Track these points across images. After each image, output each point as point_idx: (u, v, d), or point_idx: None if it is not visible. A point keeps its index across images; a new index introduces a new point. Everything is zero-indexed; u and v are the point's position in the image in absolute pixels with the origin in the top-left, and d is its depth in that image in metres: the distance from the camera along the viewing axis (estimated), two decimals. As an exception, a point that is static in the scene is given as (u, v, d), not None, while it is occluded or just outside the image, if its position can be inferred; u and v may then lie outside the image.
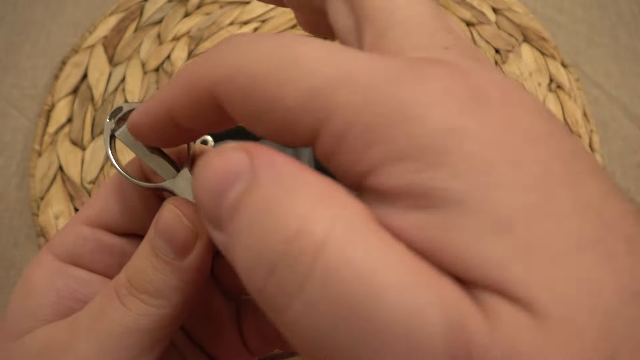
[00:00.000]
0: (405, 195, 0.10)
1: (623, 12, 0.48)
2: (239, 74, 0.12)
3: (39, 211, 0.38)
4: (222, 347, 0.21)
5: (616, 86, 0.45)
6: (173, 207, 0.16)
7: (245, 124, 0.12)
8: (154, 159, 0.17)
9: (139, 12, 0.47)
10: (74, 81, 0.43)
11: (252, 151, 0.11)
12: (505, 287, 0.09)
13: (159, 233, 0.16)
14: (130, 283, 0.16)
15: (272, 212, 0.10)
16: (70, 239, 0.18)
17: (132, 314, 0.16)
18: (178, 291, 0.16)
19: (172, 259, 0.16)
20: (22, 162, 0.41)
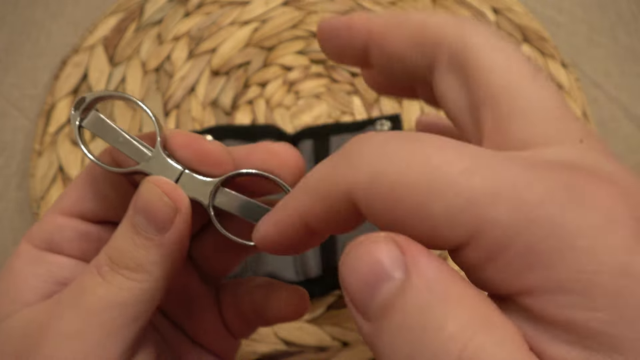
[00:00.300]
0: (566, 328, 0.10)
1: (623, 12, 0.48)
2: (380, 182, 0.12)
3: (39, 211, 0.38)
4: (203, 330, 0.21)
5: (616, 86, 0.45)
6: (152, 184, 0.17)
7: (385, 228, 0.12)
8: (125, 144, 0.18)
9: (139, 12, 0.47)
10: (74, 81, 0.43)
11: (403, 246, 0.11)
12: None
13: (139, 210, 0.16)
14: (112, 260, 0.16)
15: (429, 326, 0.10)
16: (47, 228, 0.18)
17: (113, 288, 0.16)
18: (158, 265, 0.17)
19: (152, 235, 0.16)
20: (22, 162, 0.41)
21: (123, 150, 0.18)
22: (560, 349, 0.10)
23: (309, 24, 0.46)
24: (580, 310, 0.10)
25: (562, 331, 0.10)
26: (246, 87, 0.43)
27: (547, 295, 0.10)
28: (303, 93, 0.43)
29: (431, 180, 0.11)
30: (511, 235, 0.10)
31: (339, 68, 0.44)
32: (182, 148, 0.18)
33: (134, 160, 0.18)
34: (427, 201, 0.11)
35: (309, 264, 0.34)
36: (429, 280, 0.11)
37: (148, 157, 0.17)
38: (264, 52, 0.45)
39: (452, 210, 0.11)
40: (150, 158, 0.17)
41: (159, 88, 0.43)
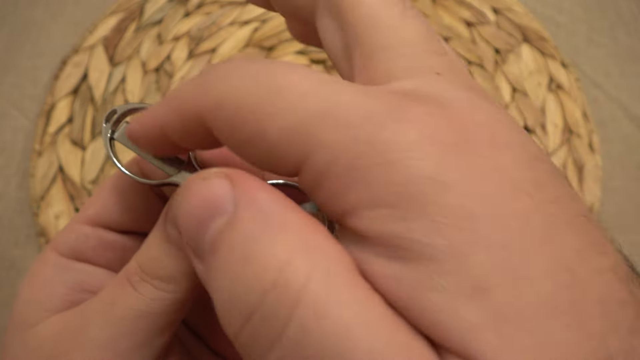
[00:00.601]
0: (385, 242, 0.10)
1: (623, 12, 0.48)
2: (226, 103, 0.12)
3: (39, 211, 0.38)
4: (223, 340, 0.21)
5: (616, 86, 0.45)
6: None
7: (232, 151, 0.13)
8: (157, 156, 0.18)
9: (139, 12, 0.47)
10: (74, 81, 0.43)
11: (235, 179, 0.11)
12: (476, 355, 0.09)
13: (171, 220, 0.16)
14: (142, 269, 0.16)
15: (251, 255, 0.10)
16: (72, 237, 0.18)
17: (144, 298, 0.16)
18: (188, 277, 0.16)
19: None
20: (22, 162, 0.41)
21: (154, 163, 0.17)
22: (381, 264, 0.10)
23: (309, 24, 0.46)
24: (395, 222, 0.10)
25: (382, 247, 0.10)
26: (246, 87, 0.43)
27: (366, 212, 0.10)
28: (303, 93, 0.43)
29: (271, 101, 0.11)
30: (335, 156, 0.11)
31: (339, 68, 0.44)
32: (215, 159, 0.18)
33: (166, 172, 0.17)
34: (265, 123, 0.11)
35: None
36: (256, 212, 0.11)
37: (180, 169, 0.17)
38: (264, 52, 0.45)
39: (286, 132, 0.11)
40: (182, 170, 0.17)
41: (159, 88, 0.43)
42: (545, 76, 0.44)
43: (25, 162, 0.41)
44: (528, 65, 0.44)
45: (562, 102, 0.42)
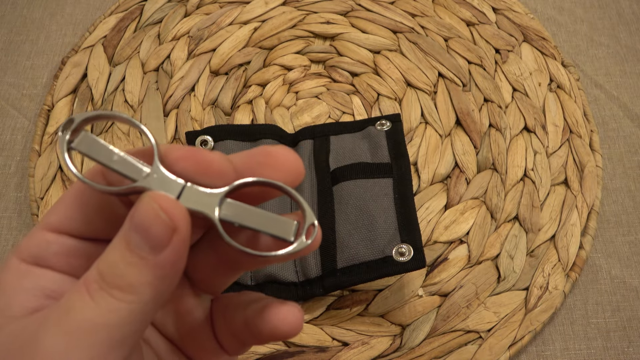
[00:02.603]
0: None
1: (623, 11, 0.48)
2: None
3: (38, 211, 0.38)
4: (196, 347, 0.21)
5: (616, 86, 0.44)
6: (150, 199, 0.16)
7: None
8: (120, 162, 0.17)
9: (138, 12, 0.47)
10: (73, 81, 0.43)
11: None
12: None
13: (134, 227, 0.16)
14: (102, 277, 0.16)
15: None
16: (35, 243, 0.18)
17: (100, 310, 0.15)
18: (150, 287, 0.16)
19: (146, 254, 0.16)
20: (21, 162, 0.41)
21: (119, 169, 0.17)
22: None
23: (309, 24, 0.46)
24: None
25: None
26: (246, 87, 0.43)
27: None
28: (303, 93, 0.43)
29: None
30: None
31: (339, 68, 0.44)
32: (182, 160, 0.17)
33: (131, 178, 0.17)
34: None
35: (308, 264, 0.33)
36: None
37: (146, 174, 0.17)
38: (264, 52, 0.44)
39: None
40: (148, 175, 0.17)
41: (158, 88, 0.43)
42: (545, 76, 0.43)
43: (24, 162, 0.41)
44: (528, 65, 0.44)
45: (563, 102, 0.42)
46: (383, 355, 0.33)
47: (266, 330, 0.19)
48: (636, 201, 0.40)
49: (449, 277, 0.35)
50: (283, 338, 0.19)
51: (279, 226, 0.17)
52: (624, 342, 0.35)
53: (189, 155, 0.17)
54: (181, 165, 0.17)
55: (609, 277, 0.37)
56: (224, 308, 0.20)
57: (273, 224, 0.17)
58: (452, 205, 0.38)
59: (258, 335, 0.19)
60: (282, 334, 0.19)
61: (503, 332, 0.34)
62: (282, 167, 0.18)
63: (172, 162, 0.17)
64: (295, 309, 0.19)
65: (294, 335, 0.19)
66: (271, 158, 0.18)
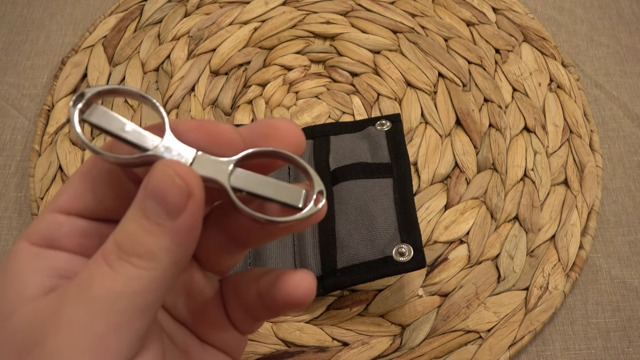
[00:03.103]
0: None
1: (624, 11, 0.48)
2: None
3: (38, 211, 0.38)
4: (209, 327, 0.21)
5: (616, 86, 0.44)
6: (165, 166, 0.16)
7: None
8: (133, 133, 0.17)
9: (139, 12, 0.47)
10: (73, 81, 0.43)
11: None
12: None
13: (150, 193, 0.16)
14: (120, 247, 0.16)
15: None
16: (44, 225, 0.18)
17: (121, 278, 0.15)
18: (169, 253, 0.16)
19: (163, 220, 0.16)
20: (21, 162, 0.41)
21: (131, 139, 0.17)
22: None
23: (309, 24, 0.46)
24: None
25: None
26: (246, 87, 0.43)
27: None
28: (303, 93, 0.43)
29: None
30: None
31: (339, 68, 0.44)
32: (193, 131, 0.17)
33: (143, 147, 0.17)
34: None
35: (308, 264, 0.34)
36: None
37: (158, 144, 0.17)
38: (264, 52, 0.44)
39: None
40: (160, 144, 0.17)
41: (158, 88, 0.43)
42: (545, 76, 0.43)
43: (24, 162, 0.41)
44: (528, 65, 0.44)
45: (563, 102, 0.42)
46: (383, 355, 0.33)
47: (280, 298, 0.19)
48: (636, 201, 0.40)
49: (449, 277, 0.35)
50: (297, 305, 0.19)
51: (288, 193, 0.18)
52: (624, 342, 0.35)
53: (200, 126, 0.17)
54: (192, 136, 0.17)
55: (609, 277, 0.37)
56: (236, 285, 0.21)
57: (282, 192, 0.18)
58: (452, 205, 0.38)
59: (272, 305, 0.19)
60: (296, 300, 0.19)
61: (503, 332, 0.34)
62: (285, 138, 0.18)
63: (183, 134, 0.17)
64: (308, 275, 0.19)
65: (307, 301, 0.19)
66: (273, 129, 0.18)
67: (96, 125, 0.17)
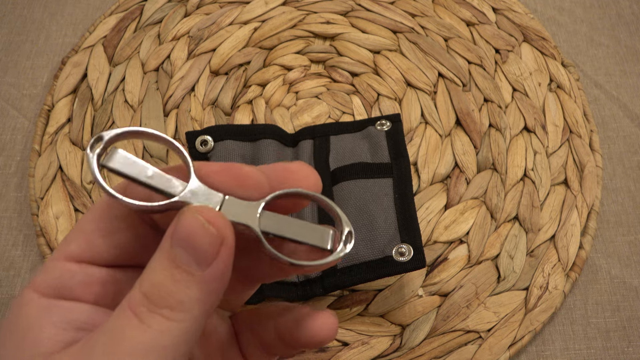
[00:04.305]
0: None
1: (623, 11, 0.48)
2: None
3: (38, 211, 0.38)
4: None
5: (616, 86, 0.44)
6: (194, 212, 0.15)
7: None
8: (155, 178, 0.16)
9: (139, 12, 0.47)
10: (73, 81, 0.43)
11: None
12: None
13: (179, 241, 0.15)
14: (148, 299, 0.15)
15: None
16: (55, 275, 0.17)
17: (153, 331, 0.15)
18: (200, 303, 0.15)
19: (194, 269, 0.15)
20: (21, 162, 0.41)
21: (155, 185, 0.16)
22: None
23: (309, 24, 0.46)
24: None
25: None
26: (246, 87, 0.43)
27: None
28: (303, 93, 0.43)
29: None
30: None
31: (339, 68, 0.44)
32: (218, 174, 0.17)
33: (169, 194, 0.16)
34: None
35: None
36: None
37: (183, 189, 0.16)
38: (264, 52, 0.44)
39: None
40: (186, 189, 0.16)
41: (158, 88, 0.43)
42: (545, 76, 0.43)
43: (24, 162, 0.41)
44: (528, 65, 0.44)
45: (562, 102, 0.42)
46: (383, 355, 0.33)
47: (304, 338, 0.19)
48: (636, 201, 0.40)
49: (449, 277, 0.35)
50: (320, 345, 0.19)
51: (316, 235, 0.17)
52: (624, 342, 0.35)
53: (225, 169, 0.17)
54: (217, 179, 0.17)
55: (608, 277, 0.37)
56: (250, 321, 0.20)
57: (310, 233, 0.17)
58: (452, 205, 0.38)
59: (294, 343, 0.19)
60: (321, 341, 0.19)
61: (503, 332, 0.34)
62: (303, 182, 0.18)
63: (207, 177, 0.17)
64: (331, 315, 0.19)
65: (330, 340, 0.19)
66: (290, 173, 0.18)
67: (117, 172, 0.16)
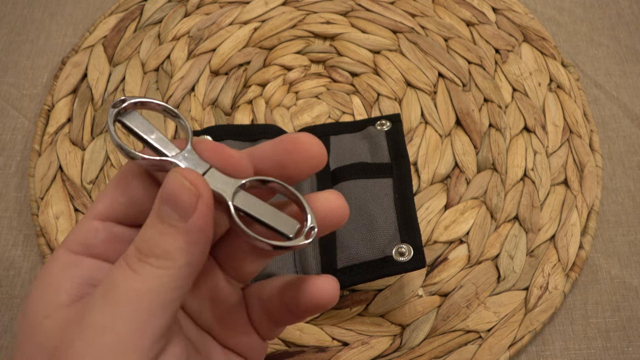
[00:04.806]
0: None
1: (623, 11, 0.48)
2: None
3: (38, 211, 0.38)
4: (232, 331, 0.22)
5: (616, 86, 0.44)
6: (177, 173, 0.18)
7: None
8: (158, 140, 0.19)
9: (139, 12, 0.47)
10: (73, 81, 0.43)
11: None
12: None
13: (164, 199, 0.17)
14: (139, 251, 0.17)
15: None
16: (82, 232, 0.19)
17: (142, 278, 0.17)
18: (184, 252, 0.17)
19: (176, 222, 0.17)
20: (21, 162, 0.41)
21: (155, 144, 0.19)
22: None
23: (309, 24, 0.46)
24: None
25: None
26: (246, 87, 0.43)
27: None
28: (303, 93, 0.43)
29: None
30: None
31: (339, 68, 0.44)
32: (210, 150, 0.19)
33: (164, 153, 0.19)
34: None
35: (308, 264, 0.34)
36: None
37: (178, 152, 0.19)
38: (264, 52, 0.44)
39: None
40: (179, 153, 0.19)
41: (158, 88, 0.43)
42: (545, 76, 0.43)
43: (24, 162, 0.41)
44: (528, 65, 0.44)
45: (562, 102, 0.42)
46: (383, 355, 0.33)
47: (305, 303, 0.20)
48: (636, 201, 0.40)
49: (449, 277, 0.35)
50: (321, 307, 0.20)
51: (283, 223, 0.19)
52: (624, 342, 0.35)
53: (216, 148, 0.19)
54: (207, 155, 0.19)
55: (608, 277, 0.37)
56: (259, 292, 0.22)
57: (278, 220, 0.19)
58: (452, 205, 0.38)
59: (296, 309, 0.21)
60: (321, 303, 0.20)
61: (503, 332, 0.34)
62: (308, 152, 0.19)
63: (201, 152, 0.19)
64: (332, 279, 0.20)
65: (331, 302, 0.20)
66: (297, 143, 0.19)
67: (128, 127, 0.19)
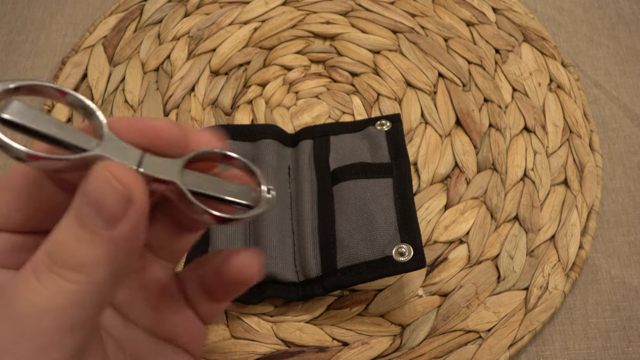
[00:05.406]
0: None
1: (623, 11, 0.48)
2: None
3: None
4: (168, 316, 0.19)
5: (616, 86, 0.44)
6: (103, 168, 0.14)
7: None
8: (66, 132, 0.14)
9: (139, 12, 0.47)
10: (73, 81, 0.43)
11: None
12: None
13: (86, 199, 0.14)
14: (50, 258, 0.14)
15: None
16: None
17: (47, 292, 0.14)
18: (103, 265, 0.14)
19: (100, 228, 0.14)
20: (21, 162, 0.41)
21: (65, 139, 0.14)
22: None
23: (309, 24, 0.46)
24: None
25: None
26: (246, 87, 0.43)
27: None
28: (303, 93, 0.43)
29: None
30: None
31: (339, 68, 0.44)
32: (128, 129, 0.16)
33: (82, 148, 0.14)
34: None
35: (308, 264, 0.34)
36: None
37: (98, 143, 0.15)
38: (264, 52, 0.44)
39: None
40: (101, 143, 0.15)
41: (158, 88, 0.43)
42: (545, 76, 0.43)
43: (24, 162, 0.41)
44: (528, 65, 0.44)
45: (563, 102, 0.42)
46: (383, 355, 0.33)
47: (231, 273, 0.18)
48: (636, 201, 0.40)
49: (449, 277, 0.35)
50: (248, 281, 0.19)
51: (238, 193, 0.18)
52: (624, 342, 0.35)
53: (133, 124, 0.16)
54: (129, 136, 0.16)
55: (608, 277, 0.37)
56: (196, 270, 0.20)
57: (233, 192, 0.18)
58: (452, 205, 0.38)
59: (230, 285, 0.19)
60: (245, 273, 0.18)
61: (503, 332, 0.34)
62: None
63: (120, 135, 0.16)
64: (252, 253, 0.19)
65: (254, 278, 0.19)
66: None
67: (17, 124, 0.14)
